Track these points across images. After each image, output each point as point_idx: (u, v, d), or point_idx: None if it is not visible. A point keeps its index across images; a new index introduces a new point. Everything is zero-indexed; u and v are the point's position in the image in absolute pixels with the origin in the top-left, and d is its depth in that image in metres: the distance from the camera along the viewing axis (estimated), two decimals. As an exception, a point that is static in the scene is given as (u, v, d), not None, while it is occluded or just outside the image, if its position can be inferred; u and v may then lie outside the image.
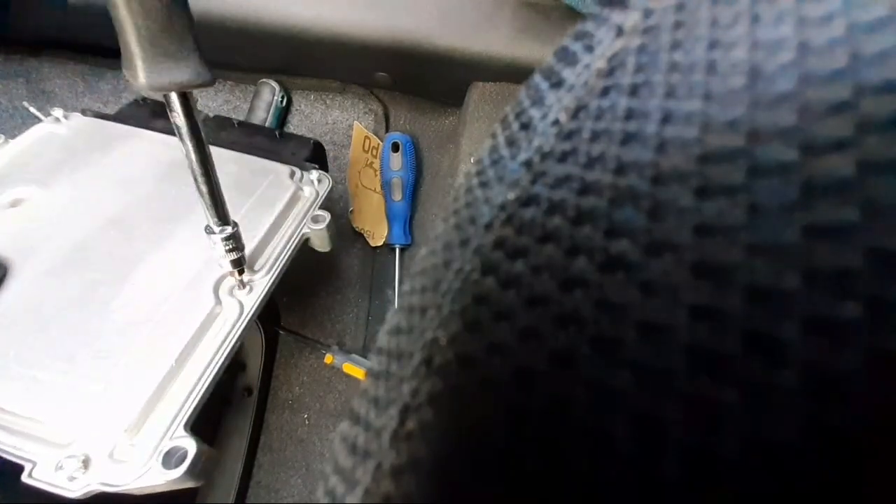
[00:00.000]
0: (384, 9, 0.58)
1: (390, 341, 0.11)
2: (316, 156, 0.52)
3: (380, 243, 0.68)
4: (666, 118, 0.08)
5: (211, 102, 0.73)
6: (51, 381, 0.30)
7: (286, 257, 0.40)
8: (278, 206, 0.42)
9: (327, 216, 0.43)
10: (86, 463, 0.27)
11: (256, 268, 0.38)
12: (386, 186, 0.68)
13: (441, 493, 0.08)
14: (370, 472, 0.10)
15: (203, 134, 0.29)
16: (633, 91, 0.09)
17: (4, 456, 0.27)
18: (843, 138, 0.06)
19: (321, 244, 0.44)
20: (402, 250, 0.67)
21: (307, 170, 0.47)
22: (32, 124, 0.69)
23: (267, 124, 0.68)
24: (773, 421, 0.06)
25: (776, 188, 0.07)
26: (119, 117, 0.49)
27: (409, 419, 0.09)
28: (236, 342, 0.34)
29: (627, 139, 0.08)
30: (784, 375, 0.06)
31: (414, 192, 0.70)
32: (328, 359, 0.58)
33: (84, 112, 0.49)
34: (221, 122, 0.53)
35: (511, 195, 0.10)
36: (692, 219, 0.07)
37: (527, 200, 0.09)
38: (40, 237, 0.37)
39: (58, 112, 0.47)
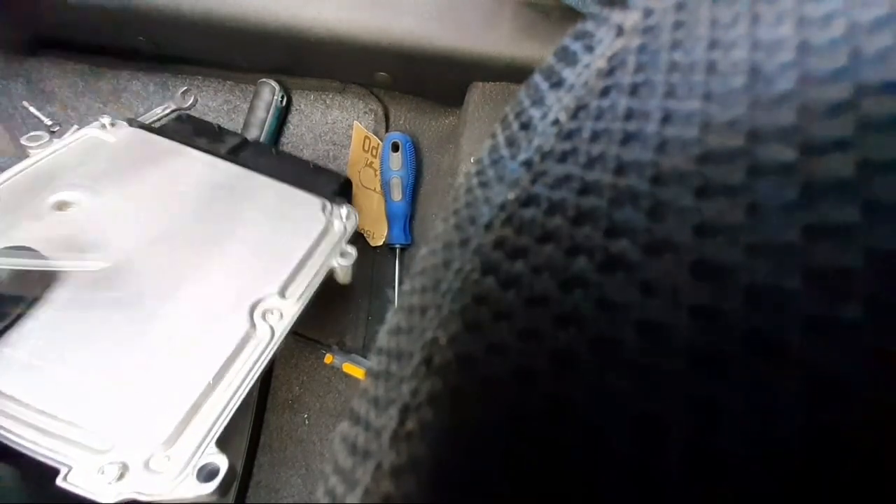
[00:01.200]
0: (384, 9, 0.58)
1: (390, 341, 0.11)
2: (344, 190, 0.55)
3: (380, 243, 0.68)
4: (666, 118, 0.08)
5: (211, 102, 0.73)
6: (93, 387, 0.31)
7: (315, 288, 0.41)
8: (312, 237, 0.44)
9: (354, 253, 0.45)
10: (123, 471, 0.28)
11: (287, 295, 0.40)
12: (386, 186, 0.68)
13: (441, 493, 0.08)
14: (370, 472, 0.10)
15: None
16: (634, 91, 0.09)
17: (39, 458, 0.28)
18: (843, 138, 0.06)
19: (343, 278, 0.46)
20: (402, 250, 0.67)
21: (338, 204, 0.49)
22: (33, 124, 0.69)
23: (267, 124, 0.68)
24: (772, 421, 0.06)
25: (776, 188, 0.07)
26: (163, 131, 0.50)
27: (409, 419, 0.09)
28: (267, 365, 0.35)
29: (627, 139, 0.08)
30: (784, 375, 0.06)
31: (414, 192, 0.70)
32: (328, 359, 0.58)
33: (130, 122, 0.50)
34: (261, 149, 0.55)
35: (511, 195, 0.10)
36: (692, 219, 0.07)
37: (527, 200, 0.09)
38: (87, 243, 0.38)
39: (105, 119, 0.48)
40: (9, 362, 0.31)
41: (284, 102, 0.71)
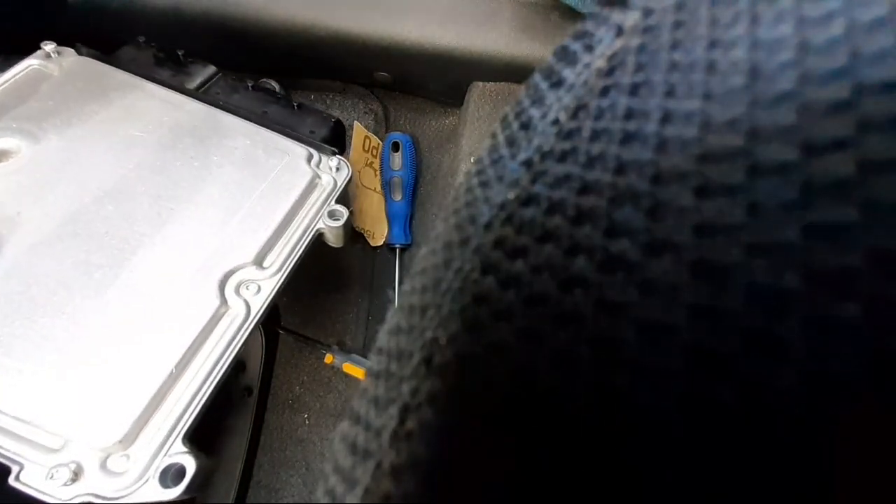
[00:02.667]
0: (384, 9, 0.58)
1: (390, 341, 0.11)
2: (335, 136, 0.45)
3: (380, 243, 0.68)
4: (666, 118, 0.08)
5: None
6: (37, 377, 0.27)
7: (298, 255, 0.35)
8: (293, 195, 0.37)
9: (345, 212, 0.38)
10: (77, 473, 0.25)
11: (266, 265, 0.34)
12: (386, 186, 0.68)
13: (441, 493, 0.08)
14: (370, 472, 0.10)
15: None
16: (633, 90, 0.09)
17: None
18: (843, 138, 0.06)
19: (335, 240, 0.39)
20: (402, 250, 0.67)
21: (327, 154, 0.41)
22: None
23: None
24: (772, 421, 0.06)
25: (776, 188, 0.07)
26: (118, 61, 0.43)
27: (408, 419, 0.09)
28: (240, 348, 0.31)
29: (627, 139, 0.08)
30: (783, 375, 0.06)
31: (414, 192, 0.70)
32: (328, 359, 0.58)
33: (78, 50, 0.42)
34: (234, 85, 0.46)
35: (511, 195, 0.10)
36: (692, 218, 0.07)
37: (527, 200, 0.09)
38: (28, 202, 0.32)
39: (49, 46, 0.40)
40: None
41: (284, 102, 0.71)
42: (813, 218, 0.06)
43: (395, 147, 0.68)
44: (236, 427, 0.54)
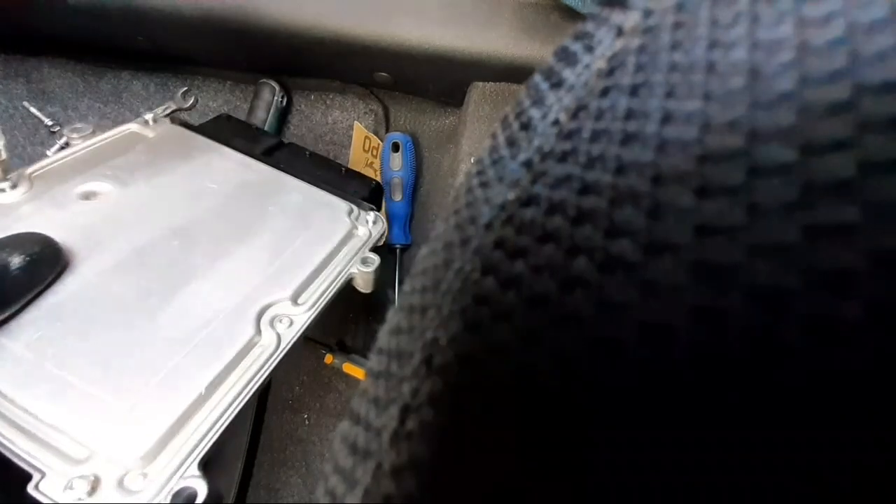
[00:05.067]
0: (384, 9, 0.58)
1: (390, 341, 0.11)
2: (374, 196, 0.53)
3: (380, 243, 0.68)
4: (666, 118, 0.08)
5: (211, 102, 0.73)
6: (80, 389, 0.29)
7: (330, 295, 0.39)
8: (332, 242, 0.42)
9: (377, 259, 0.43)
10: (94, 486, 0.26)
11: (300, 301, 0.38)
12: (386, 186, 0.68)
13: (441, 493, 0.08)
14: (370, 472, 0.10)
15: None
16: (634, 91, 0.09)
17: (14, 459, 0.26)
18: (843, 138, 0.06)
19: (364, 286, 0.43)
20: (402, 250, 0.67)
21: (365, 209, 0.47)
22: (32, 124, 0.69)
23: (267, 125, 0.68)
24: (773, 422, 0.06)
25: (776, 188, 0.07)
26: (203, 130, 0.50)
27: (409, 419, 0.09)
28: (267, 377, 0.33)
29: (627, 139, 0.08)
30: (784, 376, 0.06)
31: (414, 192, 0.70)
32: (328, 359, 0.58)
33: (172, 119, 0.50)
34: (296, 151, 0.54)
35: (511, 195, 0.10)
36: (692, 219, 0.07)
37: (527, 200, 0.09)
38: (106, 235, 0.37)
39: (149, 115, 0.48)
40: (2, 354, 0.29)
41: (284, 102, 0.71)
42: (813, 218, 0.06)
43: (395, 147, 0.68)
44: (236, 427, 0.54)
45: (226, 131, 0.52)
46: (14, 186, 0.38)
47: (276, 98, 0.69)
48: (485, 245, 0.10)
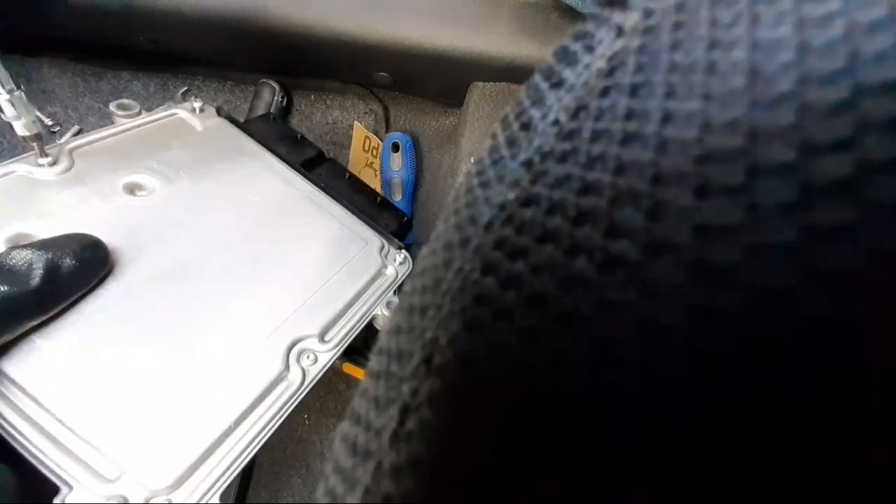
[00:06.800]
0: (384, 9, 0.58)
1: (390, 341, 0.11)
2: (402, 230, 0.53)
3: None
4: (666, 118, 0.08)
5: (211, 102, 0.73)
6: (118, 406, 0.28)
7: (354, 335, 0.39)
8: (362, 281, 0.42)
9: (397, 302, 0.42)
10: None
11: (327, 339, 0.38)
12: (386, 186, 0.68)
13: (441, 493, 0.08)
14: (370, 472, 0.10)
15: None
16: (634, 91, 0.09)
17: (44, 471, 0.26)
18: (843, 138, 0.06)
19: (382, 326, 0.44)
20: (402, 250, 0.67)
21: (395, 247, 0.47)
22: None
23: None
24: (773, 422, 0.06)
25: (776, 188, 0.07)
26: (248, 129, 0.49)
27: (409, 419, 0.09)
28: (290, 413, 0.32)
29: (627, 139, 0.08)
30: (783, 376, 0.06)
31: (414, 192, 0.70)
32: (328, 359, 0.58)
33: (219, 111, 0.48)
34: (336, 169, 0.53)
35: (511, 195, 0.10)
36: (692, 219, 0.07)
37: (527, 200, 0.09)
38: (149, 240, 0.36)
39: (197, 103, 0.47)
40: (41, 358, 0.28)
41: (284, 102, 0.71)
42: (813, 218, 0.06)
43: (395, 147, 0.68)
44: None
45: (271, 133, 0.51)
46: (54, 163, 0.36)
47: (276, 98, 0.69)
48: (485, 245, 0.10)
